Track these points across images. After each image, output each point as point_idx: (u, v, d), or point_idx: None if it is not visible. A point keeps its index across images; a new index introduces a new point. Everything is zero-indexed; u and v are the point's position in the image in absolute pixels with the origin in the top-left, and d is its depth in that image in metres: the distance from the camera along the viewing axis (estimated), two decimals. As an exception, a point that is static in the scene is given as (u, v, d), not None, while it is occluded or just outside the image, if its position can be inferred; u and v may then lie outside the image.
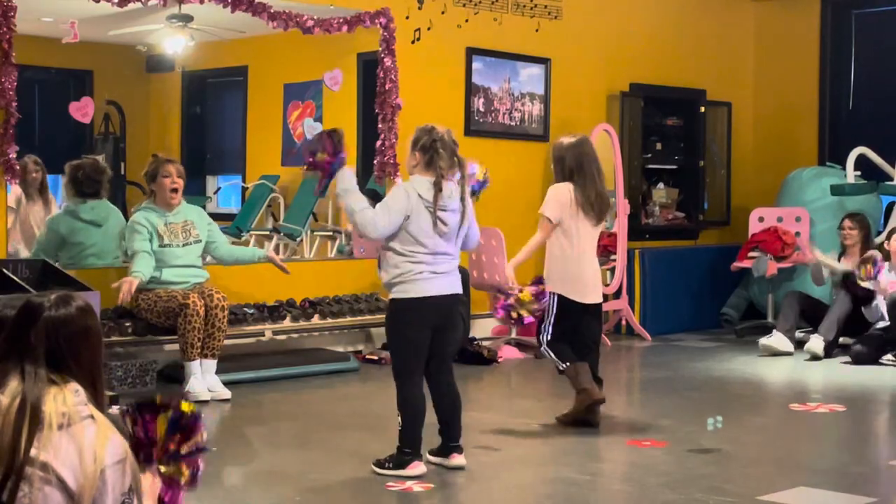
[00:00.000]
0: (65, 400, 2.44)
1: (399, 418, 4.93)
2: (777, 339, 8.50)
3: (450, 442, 5.05)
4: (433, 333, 4.96)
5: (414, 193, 4.88)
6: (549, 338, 5.86)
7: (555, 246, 5.90)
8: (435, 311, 4.93)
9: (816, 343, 8.25)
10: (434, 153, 4.88)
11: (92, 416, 2.46)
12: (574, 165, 5.84)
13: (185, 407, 2.72)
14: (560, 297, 5.87)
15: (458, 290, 5.06)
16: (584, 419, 5.86)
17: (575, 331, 5.90)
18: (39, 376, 2.45)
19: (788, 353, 8.44)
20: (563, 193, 5.83)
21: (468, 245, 5.15)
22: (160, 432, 2.87)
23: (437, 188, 4.87)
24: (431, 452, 5.07)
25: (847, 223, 8.82)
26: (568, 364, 5.81)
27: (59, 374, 2.48)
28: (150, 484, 2.60)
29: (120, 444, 2.47)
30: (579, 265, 5.85)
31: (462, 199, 4.98)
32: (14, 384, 2.45)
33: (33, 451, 2.38)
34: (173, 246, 6.76)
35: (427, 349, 4.96)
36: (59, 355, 2.49)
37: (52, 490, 2.37)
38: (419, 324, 4.92)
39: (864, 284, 8.07)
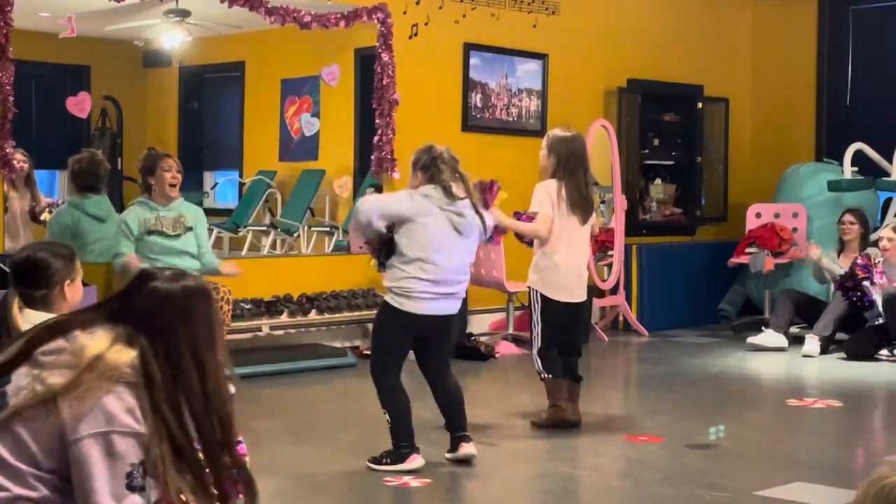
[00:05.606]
0: (118, 352, 2.43)
1: (386, 416, 4.95)
2: (766, 337, 8.51)
3: (456, 432, 5.06)
4: (426, 341, 5.05)
5: (419, 197, 4.93)
6: (540, 344, 5.81)
7: (536, 245, 5.87)
8: (425, 327, 4.98)
9: (812, 346, 8.24)
10: (435, 169, 4.95)
11: (128, 384, 2.41)
12: (564, 161, 5.79)
13: None
14: (542, 295, 5.81)
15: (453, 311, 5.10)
16: (567, 420, 5.87)
17: (562, 330, 5.86)
18: (120, 329, 2.47)
19: (782, 349, 8.45)
20: (551, 192, 5.77)
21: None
22: None
23: (445, 191, 4.92)
24: (448, 452, 5.07)
25: (847, 217, 8.83)
26: (550, 376, 5.80)
27: (153, 344, 2.47)
28: None
29: (136, 419, 2.41)
30: (560, 266, 5.78)
31: (477, 210, 5.02)
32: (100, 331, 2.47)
33: (42, 358, 2.42)
34: (164, 236, 6.70)
35: (406, 354, 5.06)
36: (154, 326, 2.49)
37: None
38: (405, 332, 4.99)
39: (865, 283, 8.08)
